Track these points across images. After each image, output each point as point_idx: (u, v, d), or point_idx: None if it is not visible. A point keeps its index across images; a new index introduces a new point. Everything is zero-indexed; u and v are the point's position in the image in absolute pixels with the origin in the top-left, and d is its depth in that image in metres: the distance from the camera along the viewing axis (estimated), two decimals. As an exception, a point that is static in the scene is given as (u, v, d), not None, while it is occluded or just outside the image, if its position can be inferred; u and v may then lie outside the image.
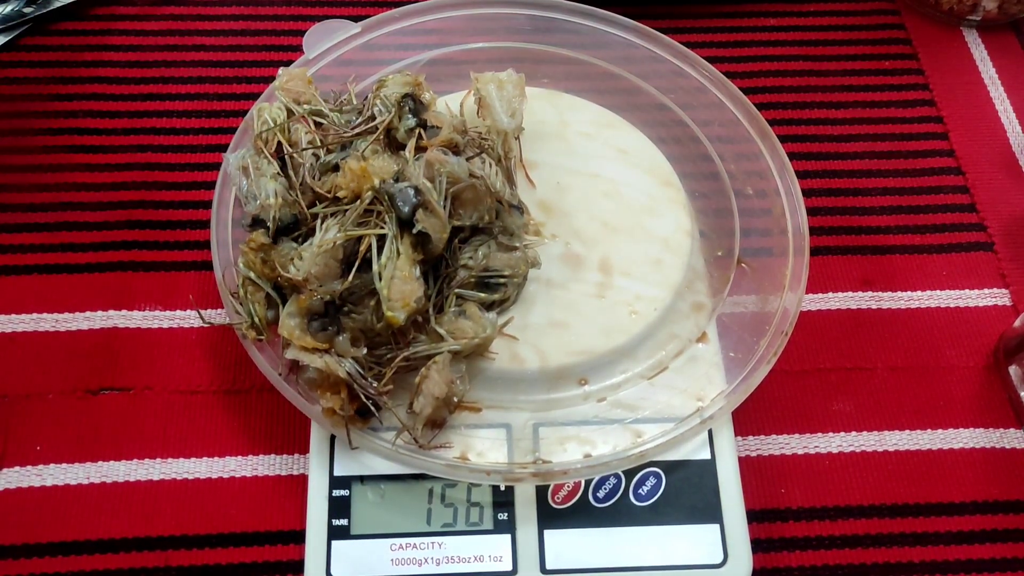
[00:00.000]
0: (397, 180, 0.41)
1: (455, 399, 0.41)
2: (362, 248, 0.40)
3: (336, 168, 0.43)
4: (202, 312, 0.50)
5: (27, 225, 0.53)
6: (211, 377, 0.49)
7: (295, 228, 0.43)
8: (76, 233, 0.53)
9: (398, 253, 0.39)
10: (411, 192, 0.40)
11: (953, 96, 0.63)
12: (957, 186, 0.59)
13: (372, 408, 0.40)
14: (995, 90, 0.64)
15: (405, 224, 0.40)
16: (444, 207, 0.41)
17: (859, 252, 0.56)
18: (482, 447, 0.42)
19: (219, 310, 0.48)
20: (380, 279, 0.39)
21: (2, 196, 0.54)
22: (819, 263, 0.55)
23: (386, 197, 0.40)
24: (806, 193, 0.49)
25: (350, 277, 0.40)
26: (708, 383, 0.45)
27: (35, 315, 0.50)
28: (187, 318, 0.51)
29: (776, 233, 0.49)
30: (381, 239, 0.40)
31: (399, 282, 0.39)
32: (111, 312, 0.50)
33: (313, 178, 0.43)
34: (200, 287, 0.52)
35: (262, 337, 0.42)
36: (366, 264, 0.40)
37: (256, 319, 0.42)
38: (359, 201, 0.40)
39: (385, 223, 0.40)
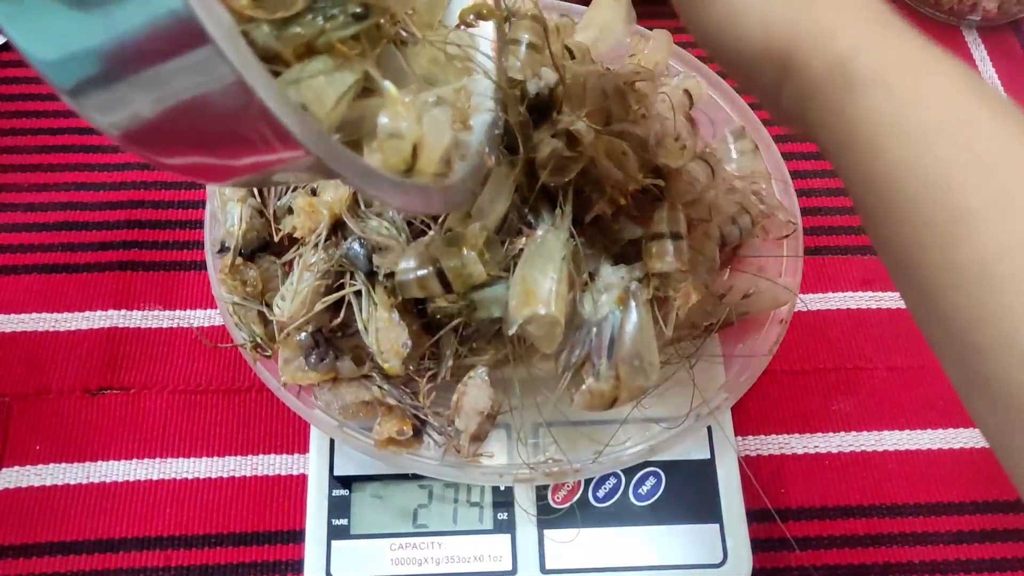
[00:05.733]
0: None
1: (496, 410, 0.41)
2: (347, 296, 0.39)
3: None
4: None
5: (27, 225, 0.53)
6: (211, 377, 0.49)
7: (267, 248, 0.43)
8: (76, 233, 0.53)
9: (375, 305, 0.39)
10: (357, 246, 0.39)
11: (953, 96, 0.63)
12: (957, 186, 0.59)
13: (421, 427, 0.40)
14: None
15: (372, 274, 0.39)
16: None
17: (859, 252, 0.56)
18: (487, 448, 0.42)
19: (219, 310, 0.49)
20: (368, 333, 0.39)
21: (2, 196, 0.54)
22: (819, 263, 0.55)
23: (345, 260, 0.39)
24: (805, 193, 0.49)
25: (341, 314, 0.39)
26: (711, 374, 0.44)
27: (35, 315, 0.50)
28: (187, 318, 0.51)
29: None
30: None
31: (383, 333, 0.39)
32: (111, 312, 0.50)
33: (279, 199, 0.42)
34: (200, 287, 0.52)
35: (268, 354, 0.42)
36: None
37: (257, 338, 0.42)
38: (316, 235, 0.40)
39: (354, 279, 0.39)
